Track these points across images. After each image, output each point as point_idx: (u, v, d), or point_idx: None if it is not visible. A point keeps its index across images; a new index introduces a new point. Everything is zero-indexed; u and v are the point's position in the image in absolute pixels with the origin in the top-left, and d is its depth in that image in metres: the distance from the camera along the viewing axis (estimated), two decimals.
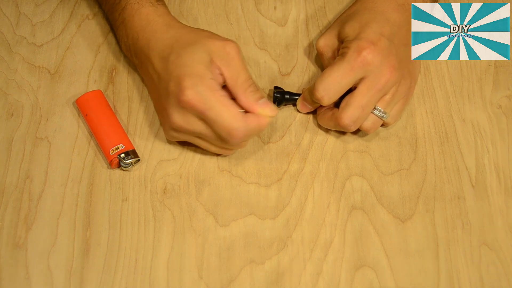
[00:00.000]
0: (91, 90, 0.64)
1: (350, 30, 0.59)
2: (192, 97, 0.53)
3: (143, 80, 0.65)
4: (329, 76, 0.57)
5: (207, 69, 0.55)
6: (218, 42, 0.56)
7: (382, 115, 0.59)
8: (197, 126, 0.55)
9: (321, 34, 0.64)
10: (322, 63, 0.65)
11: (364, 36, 0.58)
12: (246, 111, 0.56)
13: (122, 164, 0.59)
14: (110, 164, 0.59)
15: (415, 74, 0.62)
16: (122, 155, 0.59)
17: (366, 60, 0.57)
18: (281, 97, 0.63)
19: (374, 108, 0.59)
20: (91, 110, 0.61)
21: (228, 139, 0.55)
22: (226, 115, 0.54)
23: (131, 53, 0.62)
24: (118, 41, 0.65)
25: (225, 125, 0.54)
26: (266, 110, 0.56)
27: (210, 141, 0.58)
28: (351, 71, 0.57)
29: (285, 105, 0.64)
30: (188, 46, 0.56)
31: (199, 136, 0.57)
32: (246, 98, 0.56)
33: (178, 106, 0.55)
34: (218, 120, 0.54)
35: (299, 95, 0.63)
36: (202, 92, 0.54)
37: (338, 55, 0.60)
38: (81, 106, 0.62)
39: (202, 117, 0.54)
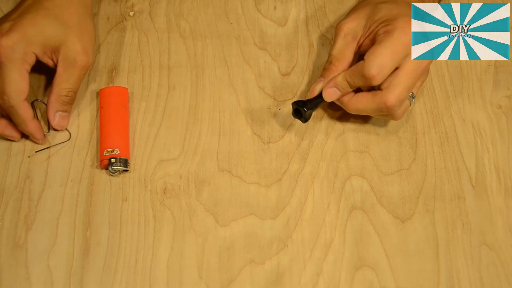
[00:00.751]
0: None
1: (387, 11, 0.58)
2: (6, 45, 0.55)
3: None
4: (382, 54, 0.56)
5: (41, 45, 0.57)
6: (78, 47, 0.59)
7: (412, 100, 0.59)
8: None
9: (345, 16, 0.62)
10: (335, 43, 0.61)
11: (404, 14, 0.57)
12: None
13: (109, 168, 0.59)
14: (100, 164, 0.59)
15: None
16: (113, 160, 0.59)
17: (411, 41, 0.56)
18: (309, 112, 0.59)
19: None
20: (106, 105, 0.62)
21: None
22: (12, 80, 0.56)
23: None
24: None
25: (4, 85, 0.56)
26: (56, 121, 0.60)
27: None
28: (402, 47, 0.56)
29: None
30: (55, 16, 0.58)
31: None
32: (55, 99, 0.59)
33: None
34: (3, 77, 0.56)
35: (317, 98, 0.60)
36: (17, 51, 0.56)
37: (368, 38, 0.59)
38: (101, 97, 0.63)
39: None
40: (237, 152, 0.62)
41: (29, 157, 0.61)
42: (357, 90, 0.59)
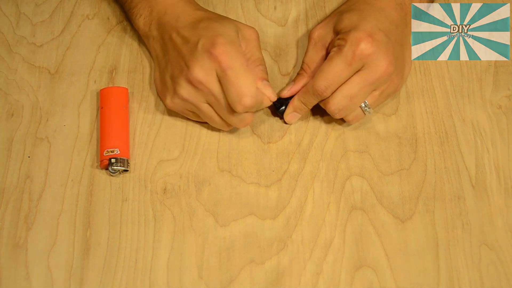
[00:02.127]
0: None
1: (347, 22, 0.59)
2: (222, 52, 0.56)
3: (151, 56, 0.66)
4: (330, 71, 0.57)
5: (237, 38, 0.58)
6: (242, 25, 0.61)
7: (366, 109, 0.60)
8: (213, 85, 0.57)
9: (317, 24, 0.64)
10: (307, 50, 0.63)
11: (361, 28, 0.58)
12: None
13: (109, 168, 0.59)
14: (100, 164, 0.59)
15: (405, 76, 0.62)
16: (113, 160, 0.59)
17: (364, 52, 0.57)
18: (284, 107, 0.62)
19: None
20: (106, 105, 0.62)
21: (236, 105, 0.56)
22: (244, 79, 0.56)
23: (152, 26, 0.63)
24: (132, 15, 0.65)
25: (239, 88, 0.55)
26: (266, 90, 0.59)
27: (216, 108, 0.59)
28: (349, 64, 0.57)
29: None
30: (218, 20, 0.60)
31: (208, 100, 0.58)
32: (254, 73, 0.59)
33: (205, 59, 0.56)
34: (235, 82, 0.55)
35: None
36: (231, 51, 0.56)
37: (332, 47, 0.60)
38: (101, 97, 0.62)
39: (221, 76, 0.56)
40: (237, 152, 0.62)
41: (29, 157, 0.61)
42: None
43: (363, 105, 0.60)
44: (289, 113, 0.62)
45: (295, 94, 0.62)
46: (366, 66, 0.57)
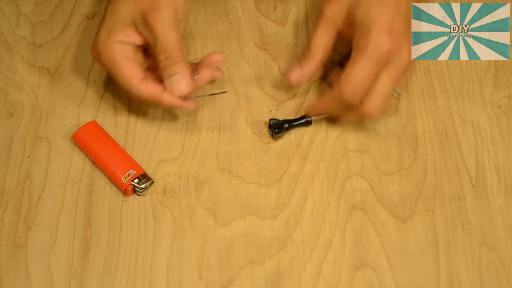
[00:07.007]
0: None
1: (364, 9, 0.56)
2: (98, 51, 0.57)
3: None
4: (357, 76, 0.55)
5: (129, 26, 0.57)
6: (144, 8, 0.55)
7: (396, 94, 0.59)
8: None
9: (328, 1, 0.60)
10: (317, 29, 0.60)
11: (380, 22, 0.55)
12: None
13: (137, 189, 0.58)
14: (125, 192, 0.58)
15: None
16: (136, 181, 0.58)
17: (389, 51, 0.55)
18: (278, 130, 0.61)
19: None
20: (89, 145, 0.60)
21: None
22: (119, 75, 0.57)
23: None
24: None
25: (121, 83, 0.57)
26: (173, 88, 0.56)
27: None
28: (376, 66, 0.55)
29: (286, 131, 0.63)
30: (122, 1, 0.58)
31: None
32: (160, 69, 0.56)
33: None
34: (113, 76, 0.58)
35: (298, 120, 0.62)
36: (109, 50, 0.57)
37: (347, 35, 0.57)
38: (79, 143, 0.61)
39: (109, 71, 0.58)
40: (237, 152, 0.62)
41: (29, 157, 0.61)
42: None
43: (394, 93, 0.59)
44: (312, 115, 0.61)
45: (289, 120, 0.62)
46: (392, 60, 0.56)
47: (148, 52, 0.60)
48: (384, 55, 0.55)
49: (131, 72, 0.57)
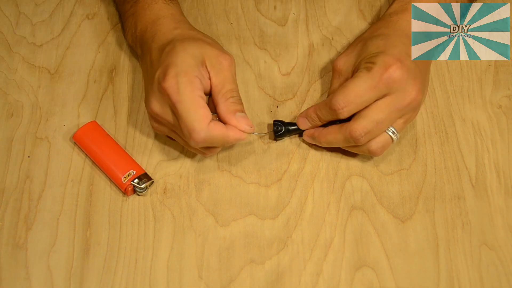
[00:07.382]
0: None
1: (373, 48, 0.57)
2: (170, 85, 0.54)
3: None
4: (352, 89, 0.55)
5: (196, 67, 0.55)
6: (216, 51, 0.57)
7: (394, 137, 0.57)
8: (170, 117, 0.55)
9: (340, 54, 0.62)
10: (332, 82, 0.62)
11: (390, 52, 0.56)
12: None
13: (137, 189, 0.58)
14: (125, 192, 0.58)
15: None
16: (136, 180, 0.58)
17: (393, 77, 0.54)
18: (283, 131, 0.61)
19: (388, 128, 0.57)
20: (89, 145, 0.60)
21: (188, 140, 0.55)
22: (192, 114, 0.53)
23: (137, 44, 0.62)
24: (124, 31, 0.66)
25: (188, 123, 0.53)
26: (241, 124, 0.56)
27: (179, 138, 0.58)
28: (375, 87, 0.55)
29: (288, 136, 0.63)
30: (186, 42, 0.56)
31: (173, 129, 0.57)
32: (225, 107, 0.55)
33: (158, 92, 0.55)
34: (183, 116, 0.53)
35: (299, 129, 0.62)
36: (181, 84, 0.54)
37: (358, 70, 0.57)
38: (78, 142, 0.61)
39: (173, 110, 0.54)
40: (237, 152, 0.62)
41: (29, 157, 0.61)
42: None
43: (391, 132, 0.57)
44: (302, 116, 0.60)
45: (292, 126, 0.62)
46: (394, 92, 0.55)
47: None
48: (387, 79, 0.54)
49: (205, 113, 0.54)
